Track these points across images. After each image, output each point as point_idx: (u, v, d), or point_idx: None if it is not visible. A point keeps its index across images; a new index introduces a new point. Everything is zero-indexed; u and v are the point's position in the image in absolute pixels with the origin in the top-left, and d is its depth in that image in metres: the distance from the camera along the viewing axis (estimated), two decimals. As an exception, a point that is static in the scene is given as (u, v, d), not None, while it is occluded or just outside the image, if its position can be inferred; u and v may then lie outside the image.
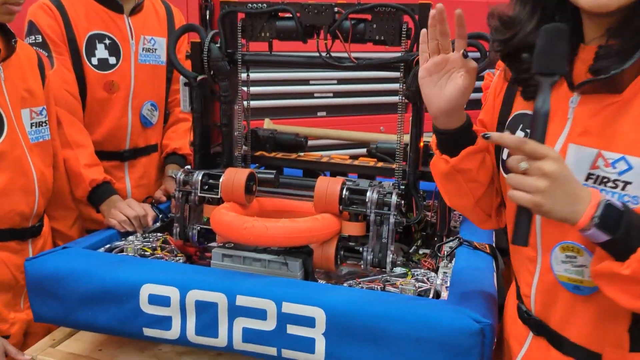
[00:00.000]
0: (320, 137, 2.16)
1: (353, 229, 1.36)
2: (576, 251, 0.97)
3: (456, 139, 1.09)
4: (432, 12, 1.00)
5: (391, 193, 1.36)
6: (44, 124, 1.59)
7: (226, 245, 1.35)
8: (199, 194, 1.46)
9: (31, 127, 1.55)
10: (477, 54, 1.46)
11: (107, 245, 1.49)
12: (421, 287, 1.26)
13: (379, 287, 1.28)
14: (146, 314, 1.23)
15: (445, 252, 1.45)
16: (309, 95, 2.84)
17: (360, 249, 1.36)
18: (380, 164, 1.75)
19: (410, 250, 1.56)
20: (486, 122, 1.19)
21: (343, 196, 1.36)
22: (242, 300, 1.17)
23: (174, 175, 1.86)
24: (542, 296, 1.06)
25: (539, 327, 1.09)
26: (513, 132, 1.07)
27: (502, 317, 1.25)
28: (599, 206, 0.85)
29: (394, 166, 1.66)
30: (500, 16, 1.05)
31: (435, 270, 1.42)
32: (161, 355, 1.38)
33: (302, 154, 1.89)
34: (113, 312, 1.25)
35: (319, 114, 2.88)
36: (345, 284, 1.30)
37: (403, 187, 1.57)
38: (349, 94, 2.93)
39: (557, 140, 0.99)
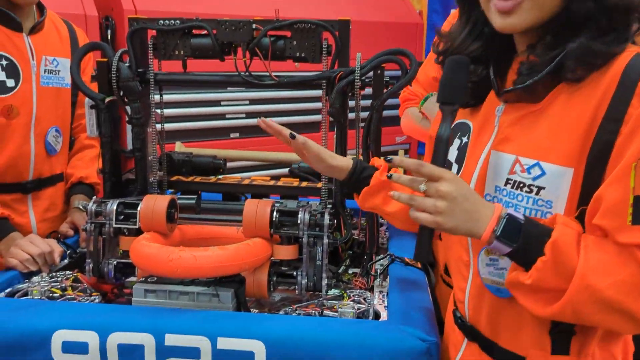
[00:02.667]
0: (237, 159, 2.07)
1: (285, 252, 1.30)
2: (498, 254, 0.99)
3: (352, 184, 1.29)
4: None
5: (323, 213, 1.31)
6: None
7: (148, 279, 1.23)
8: (114, 225, 1.33)
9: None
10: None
11: (8, 290, 1.31)
12: (359, 309, 1.22)
13: (316, 313, 1.22)
14: (60, 365, 1.09)
15: (378, 270, 1.42)
16: (221, 116, 2.75)
17: (294, 273, 1.30)
18: (304, 184, 1.70)
19: (340, 270, 1.52)
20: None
21: (274, 219, 1.29)
22: (171, 340, 1.07)
23: (81, 207, 1.71)
24: (474, 301, 1.08)
25: (472, 333, 1.10)
26: (453, 139, 1.10)
27: (443, 327, 1.25)
28: (499, 220, 0.90)
29: (319, 185, 1.63)
30: (438, 31, 1.12)
31: (369, 290, 1.39)
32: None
33: (221, 177, 1.81)
34: (20, 366, 1.09)
35: (231, 135, 2.79)
36: (281, 312, 1.23)
37: (330, 206, 1.54)
38: (261, 115, 2.86)
39: (484, 148, 1.02)
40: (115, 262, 1.34)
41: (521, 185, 0.94)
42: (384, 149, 1.54)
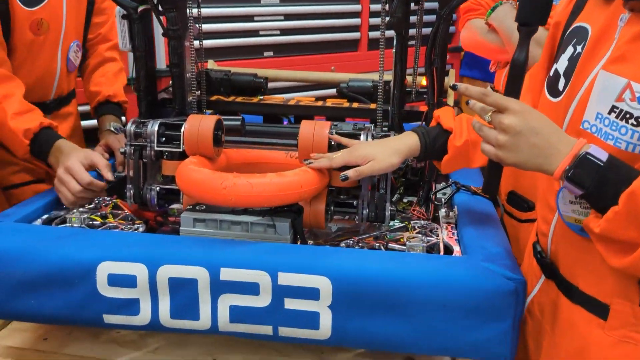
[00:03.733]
0: (279, 79, 1.92)
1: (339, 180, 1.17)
2: None
3: (428, 157, 1.19)
4: None
5: (387, 136, 1.17)
6: None
7: (196, 207, 1.12)
8: (155, 148, 1.21)
9: None
10: None
11: (45, 216, 1.22)
12: (428, 242, 1.11)
13: (381, 246, 1.11)
14: (106, 298, 1.00)
15: (442, 200, 1.30)
16: (254, 33, 2.56)
17: (354, 202, 1.18)
18: (355, 105, 1.55)
19: (393, 199, 1.40)
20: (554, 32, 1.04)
21: (332, 143, 1.16)
22: (227, 274, 0.97)
23: (113, 129, 1.59)
24: (558, 237, 0.97)
25: (550, 271, 1.00)
26: (566, 46, 0.94)
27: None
28: (574, 159, 0.80)
29: (372, 106, 1.48)
30: None
31: (430, 220, 1.27)
32: (121, 339, 1.16)
33: (262, 97, 1.66)
34: (63, 299, 1.01)
35: (265, 54, 2.61)
36: (342, 245, 1.12)
37: (386, 129, 1.40)
38: (297, 31, 2.67)
39: (597, 65, 0.86)
40: (158, 189, 1.23)
41: (627, 116, 0.80)
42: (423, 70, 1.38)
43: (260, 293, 0.97)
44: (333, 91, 1.71)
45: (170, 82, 1.47)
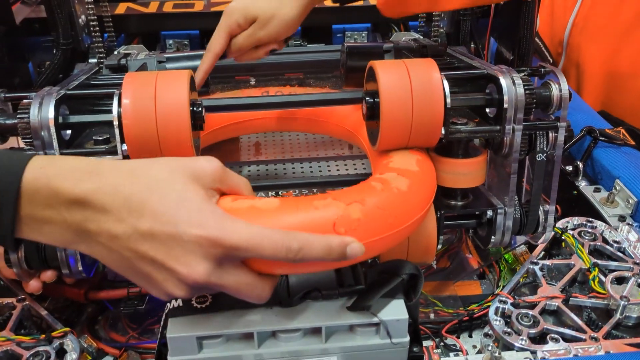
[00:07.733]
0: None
1: (464, 173, 0.58)
2: None
3: None
4: None
5: (551, 73, 0.58)
6: None
7: (195, 300, 0.49)
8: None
9: None
10: None
11: None
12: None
13: (561, 305, 0.56)
14: None
15: (579, 164, 0.77)
16: None
17: (488, 213, 0.60)
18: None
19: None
20: None
21: (447, 100, 0.55)
22: None
23: None
24: None
25: None
26: None
27: None
28: None
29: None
30: None
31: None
32: None
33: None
34: None
35: None
36: (494, 320, 0.55)
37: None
38: None
39: None
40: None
41: None
42: None
43: None
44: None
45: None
